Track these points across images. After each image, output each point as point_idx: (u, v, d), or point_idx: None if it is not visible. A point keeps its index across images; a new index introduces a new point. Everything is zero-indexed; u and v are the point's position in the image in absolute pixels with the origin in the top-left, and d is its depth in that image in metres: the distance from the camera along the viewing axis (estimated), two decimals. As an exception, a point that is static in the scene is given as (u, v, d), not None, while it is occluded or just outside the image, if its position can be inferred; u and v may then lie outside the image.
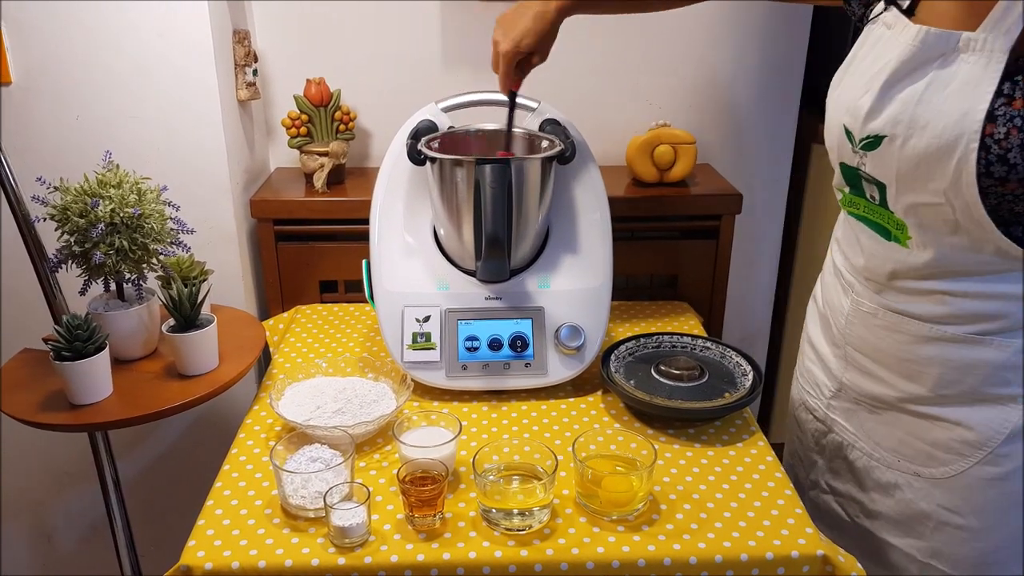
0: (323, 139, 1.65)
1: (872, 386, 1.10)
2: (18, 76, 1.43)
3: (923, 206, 0.94)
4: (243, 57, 1.56)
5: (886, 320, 1.05)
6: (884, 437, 1.10)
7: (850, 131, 1.01)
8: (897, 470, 1.09)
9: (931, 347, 1.01)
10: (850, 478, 1.17)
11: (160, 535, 1.77)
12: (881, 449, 1.11)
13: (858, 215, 1.06)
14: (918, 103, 0.92)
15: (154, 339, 1.30)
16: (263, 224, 1.59)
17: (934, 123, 0.90)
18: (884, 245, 1.02)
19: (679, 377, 1.21)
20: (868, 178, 1.00)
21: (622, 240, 1.44)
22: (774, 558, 0.93)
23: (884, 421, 1.10)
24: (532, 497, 0.97)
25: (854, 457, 1.15)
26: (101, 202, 1.17)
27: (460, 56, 1.70)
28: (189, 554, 0.94)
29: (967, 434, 1.01)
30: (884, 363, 1.07)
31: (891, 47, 0.96)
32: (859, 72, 1.01)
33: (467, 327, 1.25)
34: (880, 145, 0.96)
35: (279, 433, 1.17)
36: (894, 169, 0.95)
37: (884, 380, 1.08)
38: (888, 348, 1.06)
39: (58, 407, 1.16)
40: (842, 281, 1.13)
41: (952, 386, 1.01)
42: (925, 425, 1.05)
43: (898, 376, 1.06)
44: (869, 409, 1.12)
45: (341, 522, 0.94)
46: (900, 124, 0.93)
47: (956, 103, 0.89)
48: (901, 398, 1.06)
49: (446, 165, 1.22)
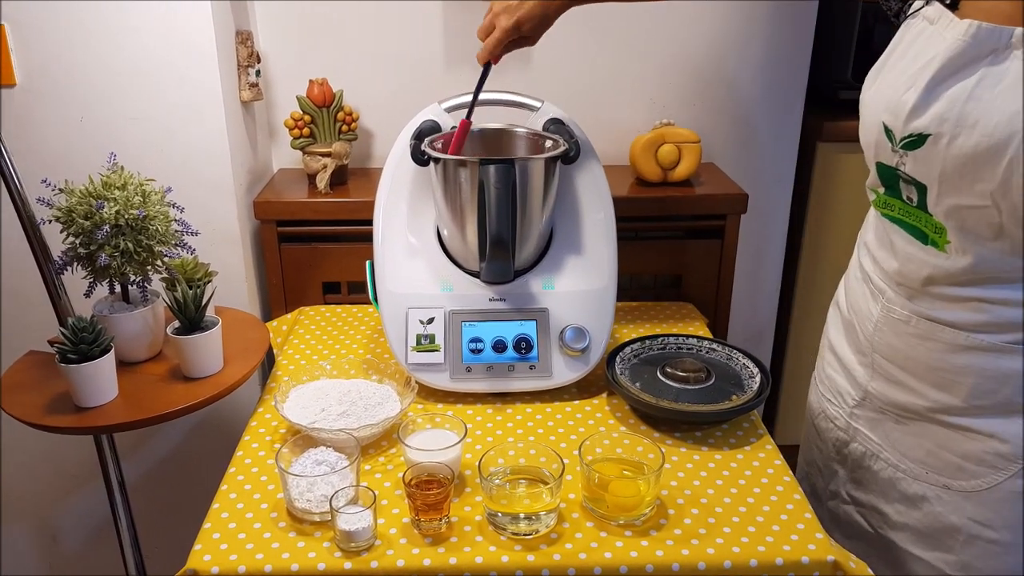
0: (326, 140, 1.65)
1: (900, 395, 1.07)
2: (22, 78, 1.43)
3: (967, 208, 0.91)
4: (246, 58, 1.55)
5: (919, 328, 1.02)
6: (911, 448, 1.07)
7: (890, 129, 0.97)
8: (925, 482, 1.06)
9: (966, 356, 0.98)
10: (874, 489, 1.14)
11: (165, 536, 1.77)
12: (908, 460, 1.08)
13: (893, 217, 1.03)
14: (967, 100, 0.88)
15: (159, 341, 1.30)
16: (266, 225, 1.59)
17: (984, 121, 0.87)
18: (920, 249, 0.99)
19: (685, 379, 1.21)
20: (907, 179, 0.97)
21: (626, 240, 1.43)
22: (784, 564, 0.93)
23: (912, 432, 1.07)
24: (539, 501, 0.97)
25: (878, 468, 1.12)
26: (106, 204, 1.17)
27: (462, 56, 1.69)
28: (195, 558, 0.94)
29: (1001, 447, 0.98)
30: (914, 372, 1.04)
31: (936, 42, 0.92)
32: (899, 68, 0.97)
33: (471, 329, 1.25)
34: (924, 144, 0.92)
35: (284, 436, 1.17)
36: (938, 169, 0.92)
37: (914, 389, 1.05)
38: (920, 356, 1.03)
39: (64, 409, 1.15)
40: (871, 286, 1.10)
41: (986, 396, 0.98)
42: (956, 437, 1.02)
43: (929, 386, 1.03)
44: (896, 419, 1.09)
45: (347, 526, 0.94)
46: (947, 122, 0.89)
47: (1008, 101, 0.86)
48: (931, 408, 1.03)
49: (450, 165, 1.22)
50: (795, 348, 2.04)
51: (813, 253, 1.94)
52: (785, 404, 2.11)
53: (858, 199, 1.88)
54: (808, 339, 2.03)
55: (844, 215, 1.90)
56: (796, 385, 2.08)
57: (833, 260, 1.95)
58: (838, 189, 1.87)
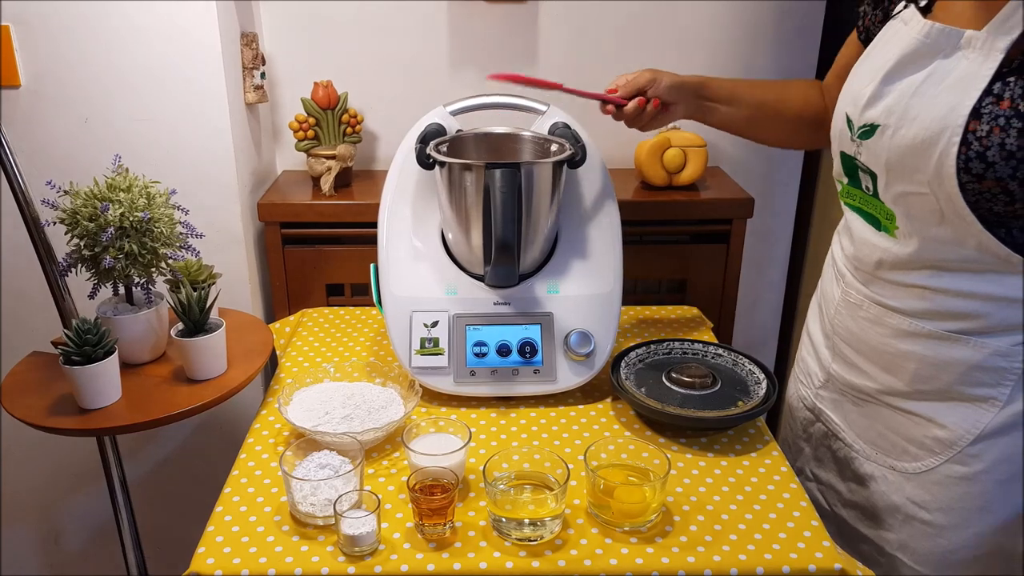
0: (330, 142, 1.64)
1: (855, 378, 1.13)
2: (27, 79, 1.43)
3: (911, 195, 0.97)
4: (251, 60, 1.55)
5: (870, 312, 1.08)
6: (865, 429, 1.14)
7: (851, 119, 1.03)
8: (875, 462, 1.12)
9: (909, 342, 1.04)
10: (832, 467, 1.20)
11: (166, 537, 1.77)
12: (861, 441, 1.14)
13: (854, 206, 1.09)
14: (913, 95, 0.94)
15: (163, 343, 1.29)
16: (270, 227, 1.59)
17: (923, 115, 0.93)
18: (874, 235, 1.05)
19: (691, 385, 1.20)
20: (863, 167, 1.03)
21: (631, 244, 1.43)
22: (791, 572, 0.92)
23: (865, 413, 1.13)
24: (543, 507, 0.96)
25: (836, 447, 1.19)
26: (111, 206, 1.16)
27: (467, 58, 1.69)
28: (198, 561, 0.94)
29: (939, 431, 1.04)
30: (866, 355, 1.10)
31: (898, 40, 0.99)
32: (865, 65, 1.04)
33: (475, 332, 1.25)
34: (874, 134, 0.99)
35: (287, 439, 1.16)
36: (884, 158, 0.98)
37: (866, 372, 1.11)
38: (871, 340, 1.09)
39: (67, 411, 1.15)
40: (835, 270, 1.16)
41: (927, 382, 1.03)
42: (902, 420, 1.08)
43: (879, 368, 1.09)
44: (853, 400, 1.15)
45: (351, 530, 0.93)
46: (893, 114, 0.96)
47: (947, 97, 0.91)
48: (880, 391, 1.09)
49: (455, 169, 1.21)
50: (799, 353, 2.04)
51: (819, 258, 1.93)
52: (789, 409, 2.11)
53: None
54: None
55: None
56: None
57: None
58: None
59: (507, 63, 1.70)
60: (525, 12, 1.66)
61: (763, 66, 1.73)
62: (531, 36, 1.68)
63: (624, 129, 1.73)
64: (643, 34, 1.69)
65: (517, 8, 1.66)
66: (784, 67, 1.74)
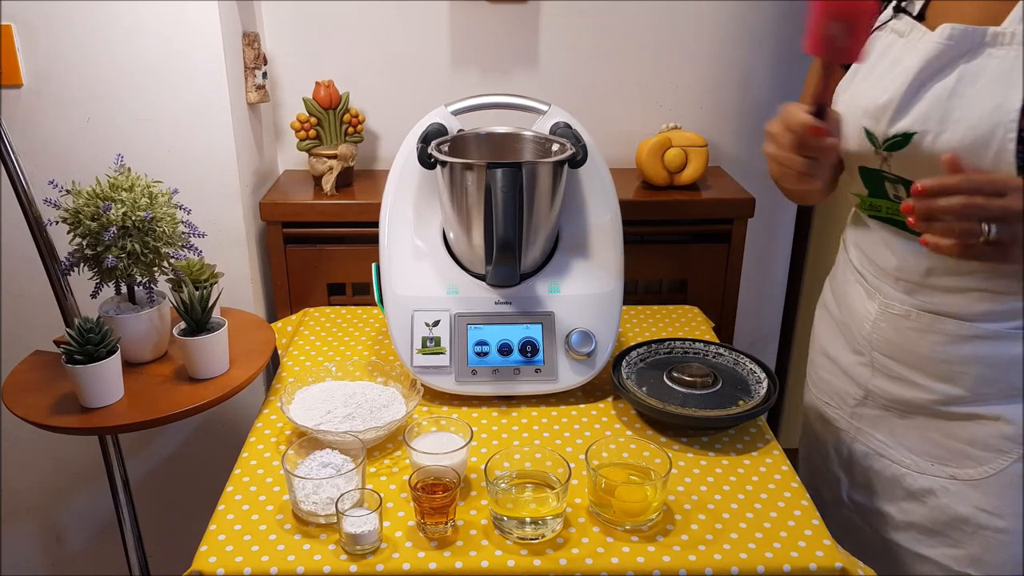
0: (332, 142, 1.65)
1: (904, 391, 1.08)
2: (29, 79, 1.43)
3: None
4: (253, 60, 1.55)
5: (919, 321, 1.03)
6: (917, 441, 1.08)
7: (872, 133, 1.00)
8: (931, 475, 1.07)
9: (968, 346, 1.00)
10: (878, 489, 1.14)
11: (168, 536, 1.77)
12: (913, 455, 1.09)
13: (882, 217, 1.05)
14: (950, 97, 0.92)
15: (165, 342, 1.30)
16: (271, 227, 1.59)
17: (968, 116, 0.91)
18: (915, 243, 0.99)
19: (692, 384, 1.21)
20: (894, 178, 1.00)
21: (632, 244, 1.43)
22: (792, 570, 0.92)
23: (916, 426, 1.08)
24: (545, 506, 0.97)
25: (881, 467, 1.13)
26: (113, 206, 1.17)
27: (469, 58, 1.69)
28: (201, 560, 0.94)
29: (1006, 428, 1.00)
30: (917, 366, 1.05)
31: (909, 51, 0.97)
32: (872, 78, 1.01)
33: (477, 332, 1.25)
34: (909, 143, 0.96)
35: (289, 437, 1.16)
36: (926, 165, 0.94)
37: (917, 384, 1.06)
38: (921, 350, 1.04)
39: (69, 410, 1.15)
40: (866, 286, 1.11)
41: (991, 384, 1.00)
42: (962, 424, 1.03)
43: (933, 379, 1.04)
44: (899, 414, 1.10)
45: (353, 529, 0.93)
46: (931, 119, 0.93)
47: (988, 96, 0.90)
48: (936, 401, 1.05)
49: (457, 169, 1.21)
50: (800, 352, 2.04)
51: (819, 257, 1.94)
52: (790, 409, 2.11)
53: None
54: (813, 344, 2.03)
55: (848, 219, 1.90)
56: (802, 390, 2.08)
57: (839, 265, 1.94)
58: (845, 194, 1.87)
59: (508, 63, 1.70)
60: (526, 12, 1.67)
61: (764, 65, 1.74)
62: (532, 36, 1.68)
63: (625, 129, 1.74)
64: (644, 34, 1.69)
65: (518, 8, 1.66)
66: (785, 64, 1.74)
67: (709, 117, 1.77)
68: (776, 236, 1.90)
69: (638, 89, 1.74)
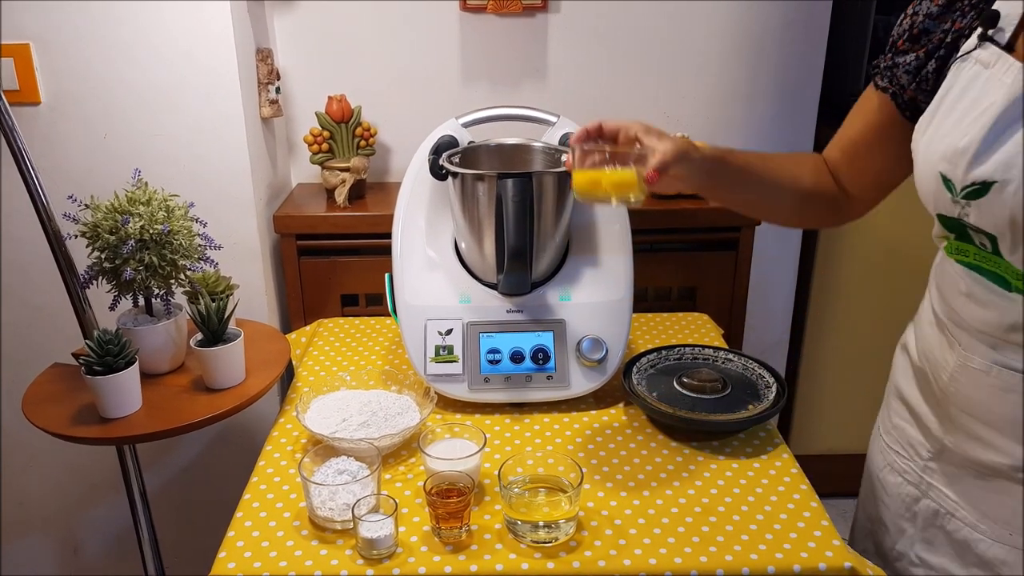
0: (344, 155, 1.67)
1: (980, 452, 0.97)
2: (47, 96, 1.46)
3: None
4: (266, 75, 1.58)
5: (1001, 379, 0.92)
6: (994, 507, 0.97)
7: (949, 179, 0.89)
8: (1008, 544, 0.96)
9: None
10: (948, 551, 1.04)
11: (185, 546, 1.79)
12: (989, 520, 0.98)
13: (969, 263, 0.94)
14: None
15: (182, 353, 1.32)
16: (286, 239, 1.61)
17: None
18: (1003, 296, 0.90)
19: (702, 389, 1.22)
20: (974, 228, 0.90)
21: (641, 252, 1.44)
22: (801, 570, 0.93)
23: (994, 489, 0.97)
24: (558, 509, 0.98)
25: (953, 528, 1.02)
26: (131, 219, 1.19)
27: (479, 71, 1.72)
28: (220, 565, 0.95)
29: None
30: (997, 427, 0.95)
31: (993, 87, 0.86)
32: (954, 116, 0.90)
33: (489, 340, 1.26)
34: (989, 192, 0.85)
35: (305, 446, 1.18)
36: (1007, 217, 0.85)
37: (995, 446, 0.95)
38: (1002, 410, 0.93)
39: (88, 420, 1.17)
40: (947, 335, 1.00)
41: None
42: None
43: (1013, 442, 0.94)
44: (976, 475, 0.99)
45: (369, 534, 0.95)
46: (1014, 168, 0.83)
47: None
48: (1015, 467, 0.94)
49: (468, 180, 1.23)
50: (810, 359, 2.05)
51: (827, 265, 1.95)
52: (800, 414, 2.11)
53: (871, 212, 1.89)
54: (822, 350, 2.04)
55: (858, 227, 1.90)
56: (811, 395, 2.08)
57: (848, 272, 1.95)
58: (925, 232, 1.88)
59: (517, 76, 1.72)
60: (535, 25, 1.69)
61: (769, 76, 1.75)
62: (541, 49, 1.71)
63: (633, 139, 1.76)
64: (651, 46, 1.71)
65: (527, 21, 1.69)
66: (791, 74, 1.76)
67: (716, 126, 1.78)
68: (784, 244, 1.91)
69: (645, 100, 1.76)
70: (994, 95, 0.86)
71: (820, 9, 1.72)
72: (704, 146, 1.08)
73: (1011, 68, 0.85)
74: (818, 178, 1.12)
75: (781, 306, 1.98)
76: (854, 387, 2.04)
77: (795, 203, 1.13)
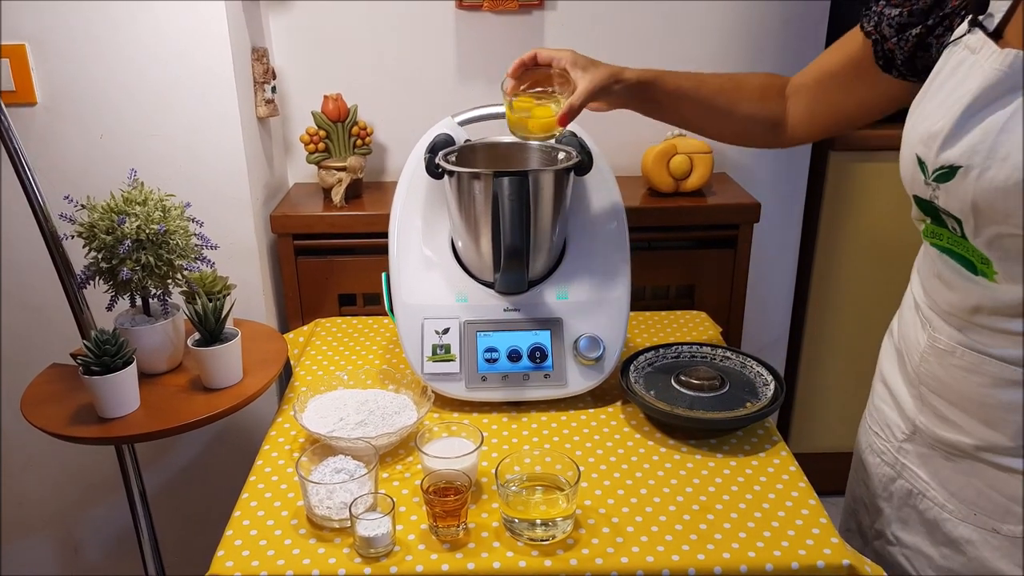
0: (341, 154, 1.67)
1: (948, 432, 1.00)
2: (44, 97, 1.46)
3: (1007, 238, 0.86)
4: (262, 75, 1.58)
5: (965, 360, 0.95)
6: (961, 487, 1.00)
7: (923, 161, 0.92)
8: (973, 524, 0.99)
9: (1013, 392, 0.92)
10: (920, 530, 1.07)
11: (185, 546, 1.79)
12: (956, 500, 1.01)
13: (942, 247, 0.96)
14: (1000, 132, 0.84)
15: (179, 353, 1.32)
16: (282, 239, 1.61)
17: (1015, 154, 0.82)
18: (969, 279, 0.93)
19: (700, 387, 1.22)
20: (944, 212, 0.92)
21: (639, 250, 1.45)
22: (799, 568, 0.93)
23: (961, 470, 1.00)
24: (555, 508, 0.98)
25: (924, 507, 1.05)
26: (127, 219, 1.19)
27: (475, 70, 1.72)
28: (218, 564, 0.95)
29: None
30: (961, 407, 0.97)
31: (975, 72, 0.88)
32: (938, 99, 0.92)
33: (486, 339, 1.26)
34: (955, 176, 0.87)
35: (303, 445, 1.18)
36: (969, 201, 0.87)
37: (960, 426, 0.98)
38: (966, 390, 0.96)
39: (86, 420, 1.18)
40: (920, 316, 1.03)
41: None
42: (1004, 478, 0.95)
43: (976, 422, 0.96)
44: (945, 456, 1.02)
45: (366, 532, 0.95)
46: (978, 154, 0.85)
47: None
48: (979, 446, 0.97)
49: (464, 178, 1.23)
50: (809, 357, 2.05)
51: (827, 262, 1.95)
52: (800, 413, 2.11)
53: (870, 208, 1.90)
54: (822, 348, 2.04)
55: (857, 224, 1.91)
56: (811, 393, 2.08)
57: (847, 269, 1.95)
58: (851, 198, 1.88)
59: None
60: (531, 23, 1.69)
61: (767, 72, 1.75)
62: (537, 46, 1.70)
63: (631, 138, 1.76)
64: (647, 43, 1.71)
65: (523, 19, 1.69)
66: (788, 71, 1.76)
67: (713, 124, 1.78)
68: (783, 241, 1.91)
69: (642, 97, 1.75)
70: (973, 81, 0.87)
71: (818, 8, 1.72)
72: (633, 72, 1.16)
73: (993, 55, 0.86)
74: (762, 103, 1.18)
75: (780, 304, 1.98)
76: (854, 385, 2.04)
77: (729, 125, 1.20)
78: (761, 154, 1.81)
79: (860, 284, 1.98)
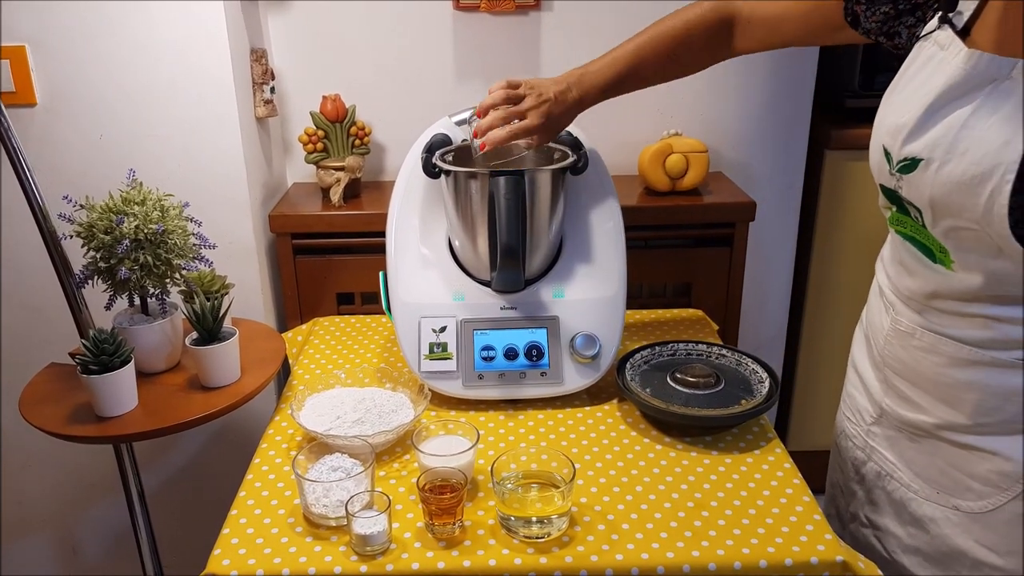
0: (339, 154, 1.67)
1: (910, 412, 1.04)
2: (43, 98, 1.46)
3: (961, 230, 0.90)
4: (260, 75, 1.59)
5: (924, 341, 1.00)
6: (924, 467, 1.04)
7: (889, 152, 0.96)
8: (935, 503, 1.03)
9: (969, 371, 0.96)
10: (888, 511, 1.11)
11: (183, 545, 1.80)
12: (920, 480, 1.05)
13: (905, 234, 1.00)
14: (961, 128, 0.87)
15: (177, 352, 1.32)
16: (281, 238, 1.62)
17: (973, 150, 0.86)
18: (928, 266, 0.97)
19: (695, 385, 1.22)
20: (907, 202, 0.95)
21: (635, 249, 1.45)
22: (793, 564, 0.94)
23: (923, 450, 1.04)
24: (550, 505, 0.99)
25: (892, 488, 1.09)
26: (126, 219, 1.20)
27: (472, 70, 1.72)
28: (215, 562, 0.96)
29: (1005, 465, 0.96)
30: (921, 387, 1.02)
31: (942, 69, 0.91)
32: (906, 92, 0.95)
33: (483, 337, 1.27)
34: (916, 168, 0.91)
35: (300, 443, 1.19)
36: (927, 194, 0.91)
37: (921, 405, 1.02)
38: (925, 371, 1.00)
39: (85, 419, 1.18)
40: (884, 300, 1.07)
41: (990, 414, 0.96)
42: (963, 455, 0.99)
43: (935, 401, 1.00)
44: (909, 437, 1.06)
45: (363, 530, 0.95)
46: (939, 148, 0.88)
47: (999, 131, 0.84)
48: (939, 425, 1.01)
49: (460, 178, 1.24)
50: (806, 355, 2.05)
51: (823, 261, 1.95)
52: (797, 411, 2.12)
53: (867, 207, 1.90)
54: (819, 346, 2.04)
55: (853, 222, 1.91)
56: (808, 392, 2.09)
57: (843, 267, 1.96)
58: (847, 197, 1.89)
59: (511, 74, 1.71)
60: (528, 24, 1.69)
61: (762, 70, 1.75)
62: (534, 47, 1.71)
63: (627, 137, 1.77)
64: (644, 43, 1.71)
65: (520, 20, 1.69)
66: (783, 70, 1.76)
67: (709, 123, 1.79)
68: (779, 240, 1.91)
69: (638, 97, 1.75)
70: (939, 78, 0.90)
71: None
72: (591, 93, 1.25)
73: (960, 54, 0.89)
74: (712, 52, 1.27)
75: (776, 302, 1.98)
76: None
77: (681, 73, 1.32)
78: (757, 153, 1.82)
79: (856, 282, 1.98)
